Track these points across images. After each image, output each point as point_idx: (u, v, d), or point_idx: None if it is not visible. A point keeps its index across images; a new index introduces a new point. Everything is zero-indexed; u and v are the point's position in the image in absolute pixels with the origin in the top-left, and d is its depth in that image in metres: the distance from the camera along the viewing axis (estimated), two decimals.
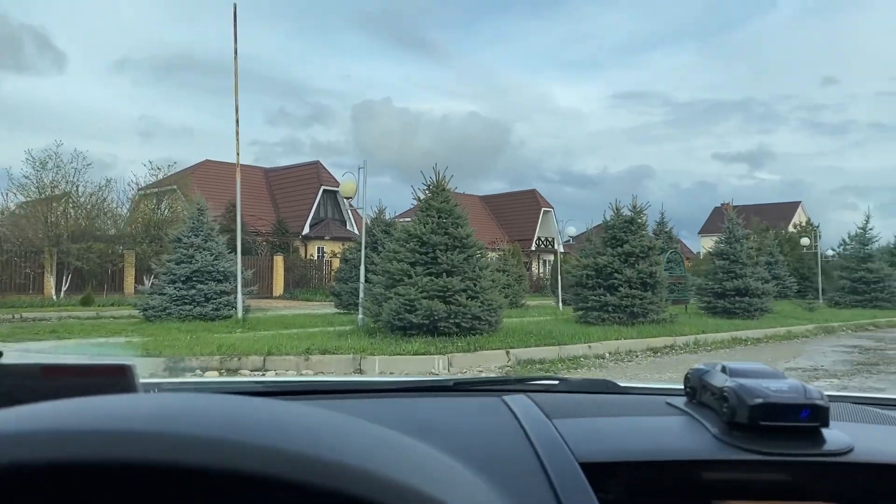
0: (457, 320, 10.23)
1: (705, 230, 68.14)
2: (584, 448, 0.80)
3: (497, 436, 0.84)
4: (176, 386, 1.22)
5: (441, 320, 10.17)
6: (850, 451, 0.81)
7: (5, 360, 0.73)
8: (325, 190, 39.54)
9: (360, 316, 12.03)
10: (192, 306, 14.38)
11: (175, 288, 14.48)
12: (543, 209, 48.59)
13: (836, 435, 0.83)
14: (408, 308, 10.27)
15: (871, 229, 24.04)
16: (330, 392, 1.15)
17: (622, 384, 1.22)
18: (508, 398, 1.01)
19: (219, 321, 13.89)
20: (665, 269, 19.54)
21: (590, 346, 10.57)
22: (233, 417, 0.52)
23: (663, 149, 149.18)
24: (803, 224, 46.59)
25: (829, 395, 0.90)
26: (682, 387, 1.02)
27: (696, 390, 0.97)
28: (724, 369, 0.92)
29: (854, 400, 1.19)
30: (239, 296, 14.20)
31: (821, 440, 0.82)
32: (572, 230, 22.66)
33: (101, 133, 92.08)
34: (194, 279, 14.61)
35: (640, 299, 13.41)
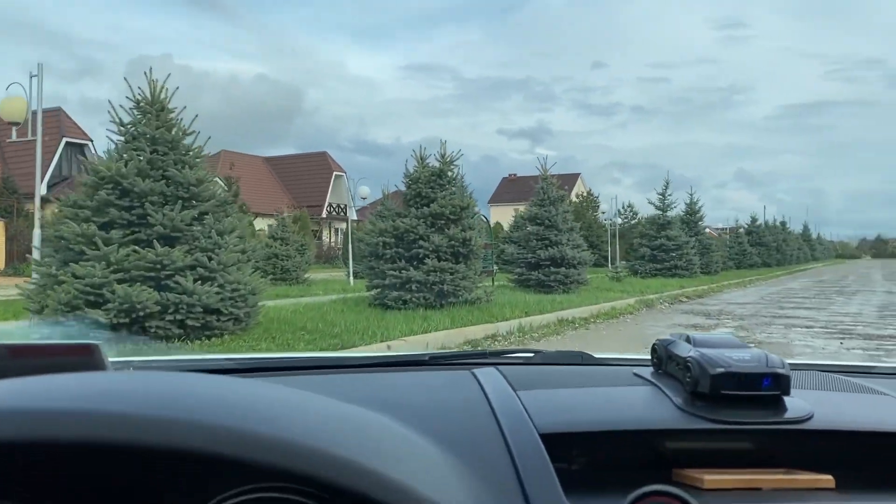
0: (179, 316, 6.38)
1: (495, 200, 69.07)
2: (546, 419, 0.80)
3: (463, 409, 0.85)
4: (147, 364, 1.15)
5: (151, 317, 6.26)
6: (809, 418, 0.82)
7: None
8: (68, 143, 32.48)
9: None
10: None
11: None
12: (335, 173, 44.55)
13: (796, 403, 0.85)
14: (91, 298, 6.19)
15: (669, 195, 23.52)
16: (302, 368, 1.14)
17: (597, 356, 1.23)
18: (478, 371, 1.00)
19: None
20: None
21: (388, 346, 7.25)
22: (177, 395, 0.53)
23: (452, 122, 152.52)
24: (584, 194, 47.79)
25: (792, 364, 0.92)
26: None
27: (663, 360, 0.97)
28: (688, 339, 0.92)
29: (820, 368, 1.17)
30: None
31: (781, 408, 0.83)
32: (365, 190, 19.32)
33: None
34: None
35: (452, 273, 10.39)
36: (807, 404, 0.85)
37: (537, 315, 10.47)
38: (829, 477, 0.77)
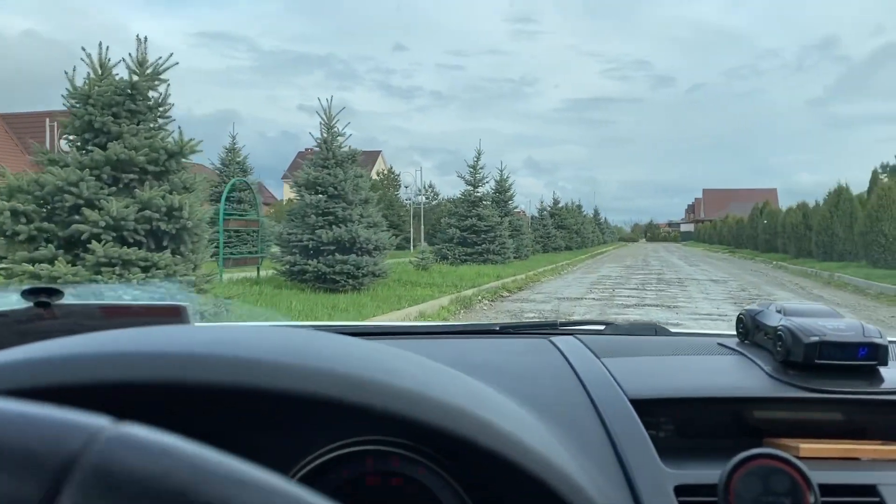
0: None
1: (289, 176, 63.82)
2: (635, 385, 0.78)
3: (546, 374, 0.83)
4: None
5: None
6: None
7: (66, 300, 0.77)
8: None
9: None
10: None
11: None
12: None
13: (894, 373, 0.82)
14: None
15: (482, 168, 20.16)
16: (374, 334, 1.14)
17: (672, 329, 1.18)
18: (556, 339, 0.98)
19: None
20: (226, 211, 12.18)
21: None
22: (294, 344, 0.54)
23: (249, 95, 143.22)
24: (385, 172, 44.86)
25: (891, 338, 0.89)
26: (734, 330, 1.00)
27: (749, 331, 0.94)
28: (778, 309, 0.89)
29: None
30: None
31: (878, 378, 0.81)
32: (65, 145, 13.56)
33: None
34: None
35: (144, 264, 5.78)
36: None
37: None
38: None
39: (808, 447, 0.73)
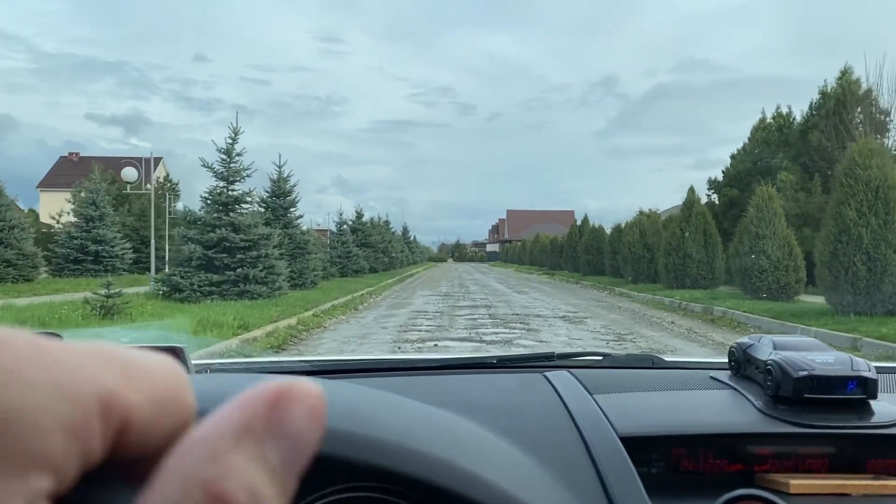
0: None
1: (46, 184, 52.73)
2: (625, 422, 0.79)
3: (539, 412, 0.83)
4: (226, 367, 1.18)
5: None
6: None
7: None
8: None
9: None
10: None
11: None
12: None
13: (884, 407, 0.82)
14: None
15: (239, 154, 13.35)
16: (374, 370, 1.16)
17: (666, 359, 1.19)
18: (550, 374, 0.98)
19: None
20: None
21: None
22: None
23: (27, 100, 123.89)
24: (161, 179, 37.31)
25: (879, 367, 0.90)
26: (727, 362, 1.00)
27: (741, 364, 0.94)
28: (768, 342, 0.90)
29: None
30: None
31: (868, 412, 0.81)
32: None
33: None
34: None
35: None
36: (895, 408, 0.83)
37: None
38: None
39: (799, 483, 0.74)
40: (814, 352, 0.84)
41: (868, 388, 0.79)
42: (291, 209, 16.86)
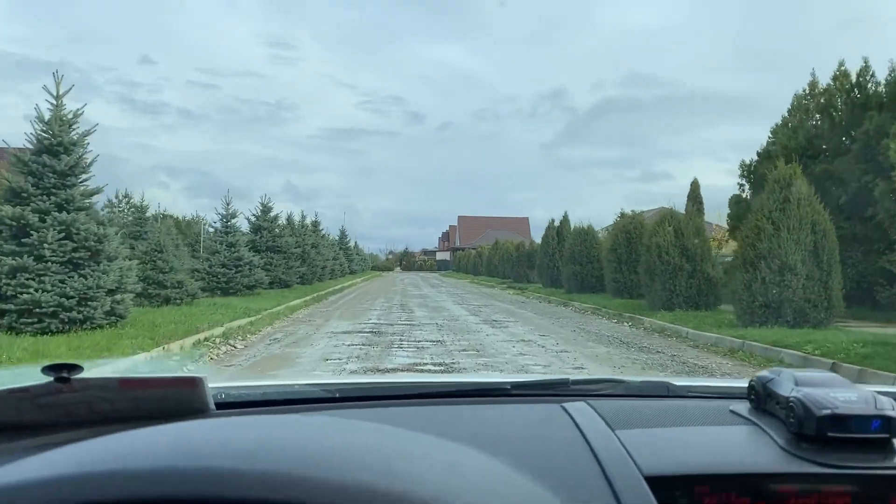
0: None
1: None
2: (649, 461, 0.79)
3: (560, 449, 0.83)
4: (242, 395, 1.12)
5: None
6: None
7: (84, 374, 0.77)
8: None
9: None
10: None
11: None
12: None
13: None
14: None
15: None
16: (391, 398, 1.14)
17: (681, 384, 1.19)
18: (569, 406, 0.99)
19: None
20: None
21: None
22: (281, 451, 0.55)
23: None
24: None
25: None
26: (744, 388, 1.00)
27: (761, 398, 0.93)
28: (789, 377, 0.89)
29: None
30: None
31: (891, 451, 0.80)
32: None
33: None
34: None
35: None
36: None
37: None
38: None
39: None
40: (836, 388, 0.84)
41: (892, 427, 0.79)
42: (72, 177, 8.90)
